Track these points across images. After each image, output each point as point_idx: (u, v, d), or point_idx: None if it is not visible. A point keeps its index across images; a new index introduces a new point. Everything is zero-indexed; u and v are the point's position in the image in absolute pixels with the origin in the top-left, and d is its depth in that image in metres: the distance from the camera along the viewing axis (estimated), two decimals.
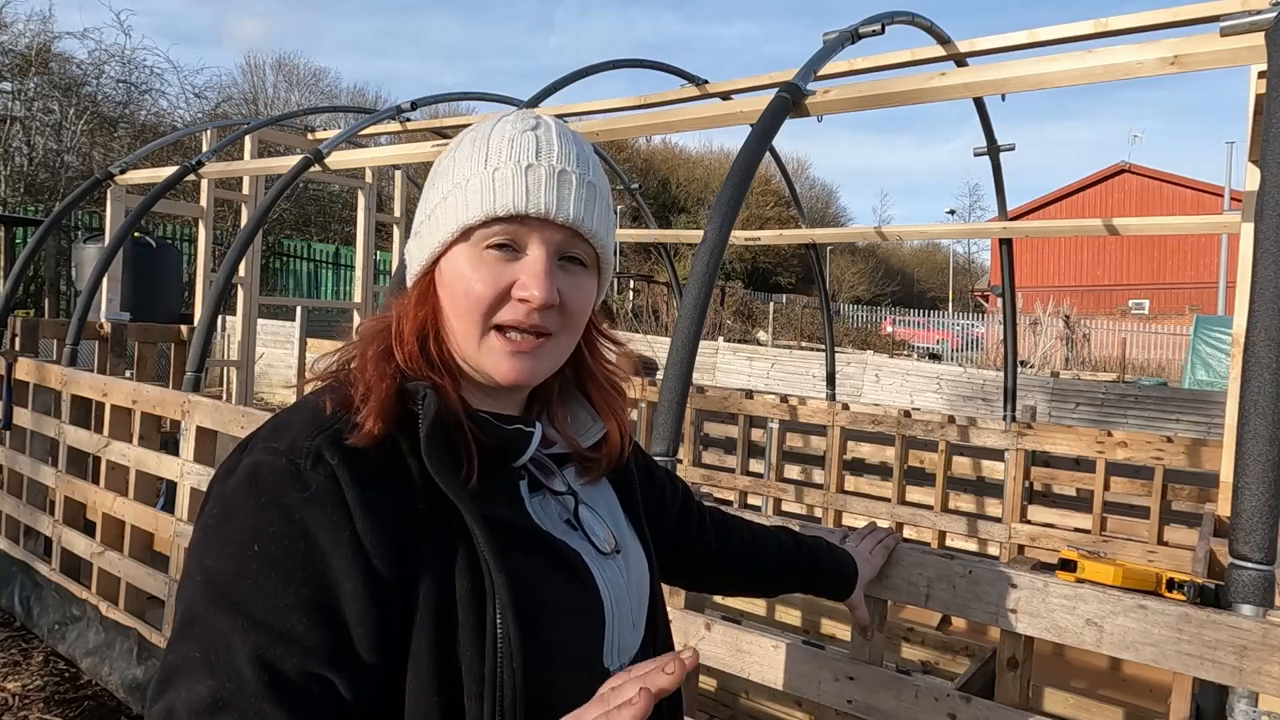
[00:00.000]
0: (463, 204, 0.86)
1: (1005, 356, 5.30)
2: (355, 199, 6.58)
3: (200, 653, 0.75)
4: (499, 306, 0.86)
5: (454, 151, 0.92)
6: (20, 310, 11.16)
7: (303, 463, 0.78)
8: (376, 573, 0.77)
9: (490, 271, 0.86)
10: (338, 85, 31.86)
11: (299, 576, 0.76)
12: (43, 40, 17.89)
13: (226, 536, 0.78)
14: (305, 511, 0.77)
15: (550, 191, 0.86)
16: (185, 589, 0.79)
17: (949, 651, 3.28)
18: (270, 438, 0.82)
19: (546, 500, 0.94)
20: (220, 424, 3.26)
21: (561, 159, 0.88)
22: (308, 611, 0.75)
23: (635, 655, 0.98)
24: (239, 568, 0.76)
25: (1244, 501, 1.44)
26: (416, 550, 0.80)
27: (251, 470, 0.80)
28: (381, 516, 0.78)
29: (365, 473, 0.79)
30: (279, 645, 0.74)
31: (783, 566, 1.38)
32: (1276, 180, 1.60)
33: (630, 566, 0.99)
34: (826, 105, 2.74)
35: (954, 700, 1.64)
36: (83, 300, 4.50)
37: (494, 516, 0.84)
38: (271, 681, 0.73)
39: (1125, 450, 4.49)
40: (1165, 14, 3.13)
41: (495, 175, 0.86)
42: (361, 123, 5.13)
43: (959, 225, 26.35)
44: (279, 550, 0.76)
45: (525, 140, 0.87)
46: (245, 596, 0.75)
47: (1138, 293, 33.13)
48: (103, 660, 3.68)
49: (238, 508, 0.79)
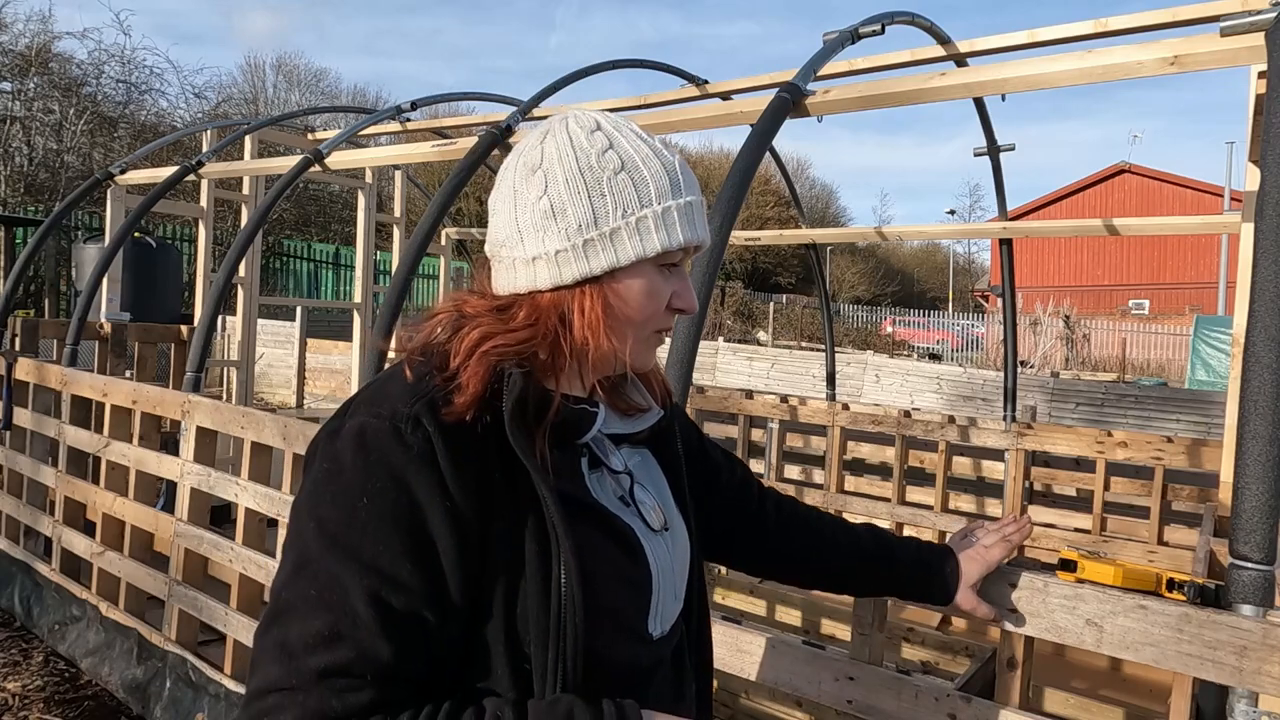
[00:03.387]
0: (637, 238, 0.96)
1: (1005, 357, 5.30)
2: (355, 199, 6.57)
3: (316, 591, 0.84)
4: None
5: (619, 174, 0.96)
6: (20, 310, 11.15)
7: (404, 426, 0.87)
8: (464, 530, 0.87)
9: (664, 285, 1.00)
10: (338, 85, 31.93)
11: (404, 526, 0.85)
12: (43, 40, 17.88)
13: (337, 489, 0.87)
14: (408, 470, 0.86)
15: (701, 226, 1.01)
16: (297, 537, 0.88)
17: (949, 651, 3.28)
18: (372, 402, 0.91)
19: (604, 477, 1.02)
20: (220, 424, 3.26)
21: (692, 188, 1.00)
22: (412, 559, 0.85)
23: (676, 623, 1.08)
24: (350, 517, 0.85)
25: (1244, 501, 1.44)
26: (493, 514, 0.89)
27: (359, 430, 0.88)
28: (467, 481, 0.87)
29: (456, 441, 0.88)
30: (388, 587, 0.84)
31: (853, 560, 1.35)
32: (1276, 180, 1.60)
33: (675, 543, 1.07)
34: (826, 105, 2.74)
35: (954, 700, 1.64)
36: (83, 300, 4.50)
37: (560, 489, 0.92)
38: (383, 618, 0.83)
39: (1125, 450, 4.49)
40: (1165, 14, 3.12)
41: (689, 206, 0.98)
42: (361, 123, 5.13)
43: (959, 225, 26.35)
44: (386, 503, 0.85)
45: (671, 170, 0.98)
46: (357, 542, 0.85)
47: (1138, 293, 33.12)
48: (103, 660, 3.68)
49: (346, 463, 0.87)
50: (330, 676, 0.81)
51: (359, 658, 0.82)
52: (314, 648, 0.82)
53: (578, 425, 0.99)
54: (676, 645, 1.09)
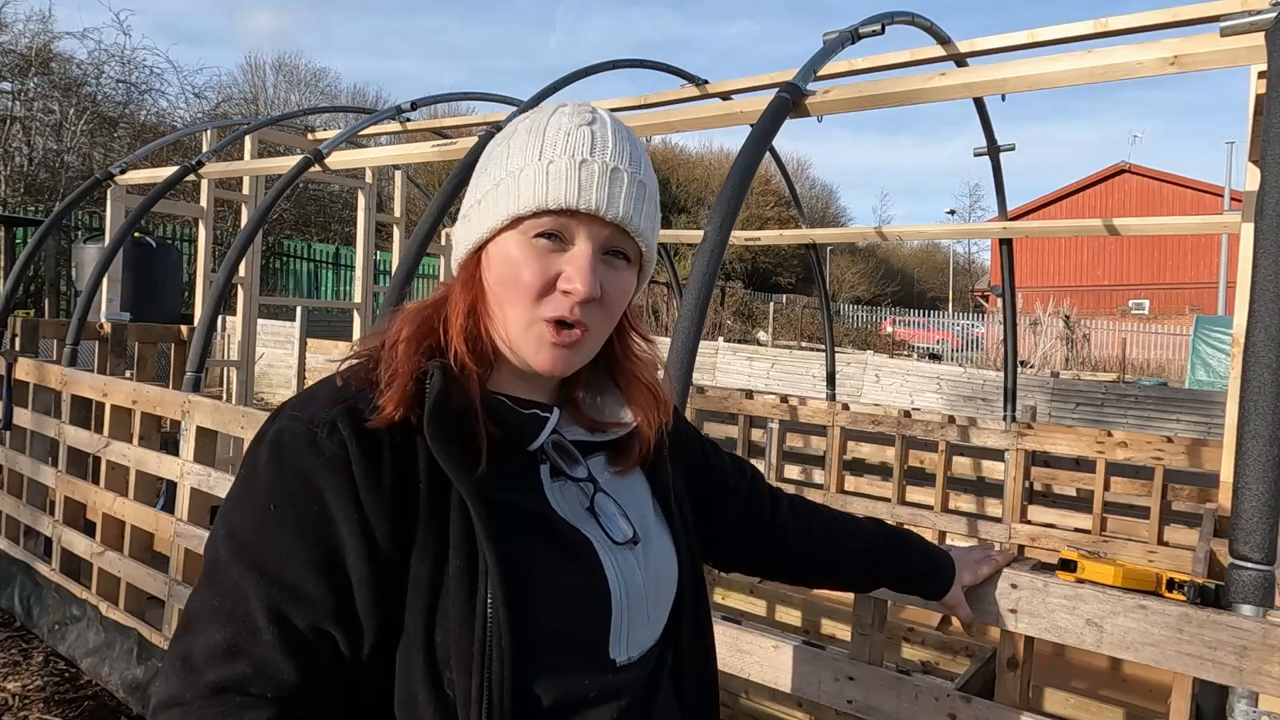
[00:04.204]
0: (514, 193, 0.88)
1: (1005, 357, 5.30)
2: (355, 199, 6.57)
3: (218, 601, 0.81)
4: (544, 296, 0.88)
5: (508, 139, 0.93)
6: (20, 310, 11.15)
7: (319, 431, 0.82)
8: (375, 543, 0.81)
9: (538, 261, 0.88)
10: (338, 85, 31.89)
11: (310, 538, 0.81)
12: (43, 40, 17.87)
13: (249, 495, 0.84)
14: (319, 476, 0.81)
15: (602, 189, 0.87)
16: (211, 541, 0.85)
17: (949, 651, 3.28)
18: (296, 406, 0.87)
19: (567, 486, 0.94)
20: (220, 424, 3.26)
21: (615, 156, 0.89)
22: (317, 570, 0.80)
23: (651, 649, 0.97)
24: (258, 525, 0.82)
25: (1244, 501, 1.44)
26: (414, 527, 0.83)
27: (276, 435, 0.85)
28: (381, 491, 0.82)
29: (372, 448, 0.82)
30: (290, 600, 0.80)
31: (869, 557, 1.33)
32: (1276, 180, 1.60)
33: (650, 559, 0.98)
34: (826, 105, 2.74)
35: (954, 700, 1.64)
36: (83, 300, 4.50)
37: (499, 499, 0.86)
38: (282, 633, 0.79)
39: (1125, 450, 4.49)
40: (1165, 14, 3.13)
41: (550, 168, 0.87)
42: (361, 123, 5.13)
43: (959, 225, 26.37)
44: (294, 512, 0.81)
45: (581, 135, 0.89)
46: (262, 552, 0.81)
47: (1138, 293, 33.11)
48: (103, 660, 3.68)
49: (261, 468, 0.84)
50: (226, 692, 0.78)
51: (257, 674, 0.78)
52: (213, 661, 0.78)
53: (522, 429, 0.91)
54: (652, 674, 0.97)
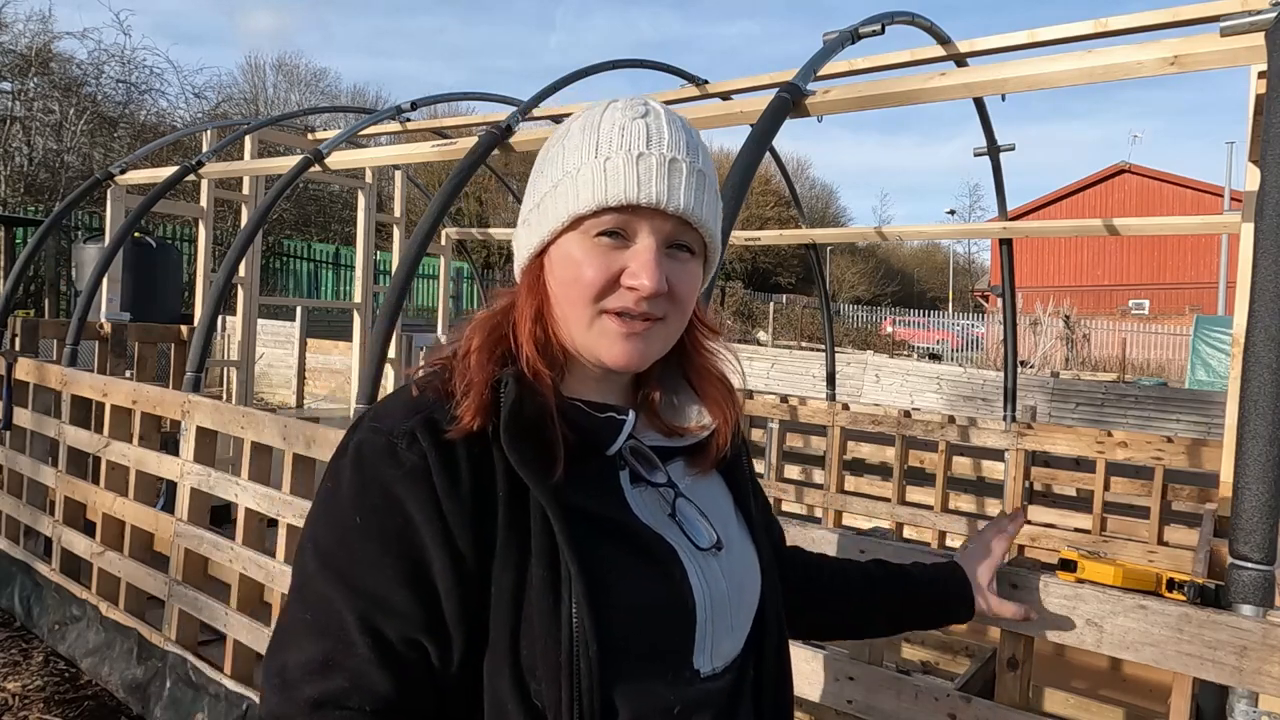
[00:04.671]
0: (573, 193, 0.87)
1: (1005, 357, 5.30)
2: (355, 199, 6.57)
3: (310, 615, 0.81)
4: (608, 293, 0.86)
5: (562, 140, 0.91)
6: (20, 310, 11.15)
7: (399, 442, 0.83)
8: (459, 552, 0.81)
9: (600, 258, 0.86)
10: (338, 85, 31.94)
11: (395, 549, 0.81)
12: (43, 40, 17.87)
13: (333, 508, 0.84)
14: (400, 487, 0.81)
15: (661, 181, 0.85)
16: (299, 555, 0.86)
17: (949, 651, 3.28)
18: (375, 418, 0.87)
19: (647, 491, 0.93)
20: (220, 424, 3.26)
21: (672, 147, 0.87)
22: (404, 582, 0.80)
23: (734, 659, 0.94)
24: (343, 538, 0.82)
25: (1244, 501, 1.44)
26: (493, 536, 0.82)
27: (357, 447, 0.85)
28: (461, 500, 0.82)
29: (451, 457, 0.82)
30: (380, 612, 0.80)
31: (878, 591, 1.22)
32: (1276, 180, 1.60)
33: (734, 566, 0.95)
34: (826, 105, 2.73)
35: (954, 700, 1.64)
36: (83, 300, 4.50)
37: (578, 506, 0.85)
38: (376, 645, 0.79)
39: (1125, 450, 4.49)
40: (1165, 14, 3.12)
41: (607, 165, 0.85)
42: (361, 123, 5.13)
43: (959, 225, 26.35)
44: (377, 523, 0.81)
45: (636, 128, 0.87)
46: (347, 565, 0.81)
47: (1138, 293, 33.11)
48: (103, 660, 3.68)
49: (343, 482, 0.84)
50: (324, 707, 0.78)
51: (354, 688, 0.78)
52: (309, 676, 0.79)
53: (599, 433, 0.90)
54: (735, 684, 0.94)
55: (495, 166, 7.90)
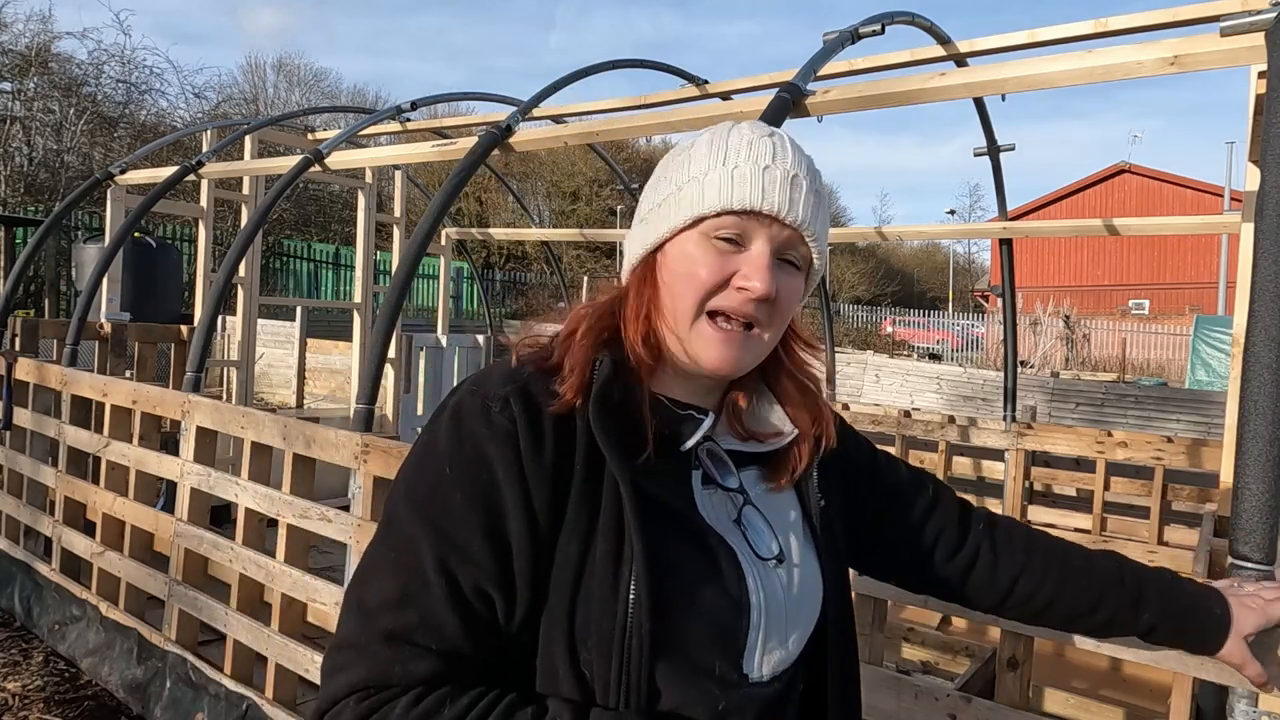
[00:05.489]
0: (699, 195, 0.92)
1: (1005, 357, 5.30)
2: (355, 199, 6.57)
3: (395, 554, 0.87)
4: (717, 292, 0.91)
5: (688, 150, 0.97)
6: (20, 310, 11.15)
7: (493, 405, 0.88)
8: (534, 514, 0.86)
9: (716, 259, 0.92)
10: (338, 85, 31.95)
11: (480, 503, 0.86)
12: (43, 40, 17.86)
13: (428, 458, 0.90)
14: (490, 447, 0.87)
15: (784, 192, 0.91)
16: (390, 497, 0.92)
17: (949, 651, 3.28)
18: (475, 382, 0.93)
19: (716, 494, 0.96)
20: (220, 424, 3.26)
21: (795, 165, 0.93)
22: (483, 534, 0.85)
23: (785, 671, 0.95)
24: (434, 486, 0.88)
25: (1244, 501, 1.44)
26: (565, 506, 0.87)
27: (455, 406, 0.91)
28: (543, 466, 0.87)
29: (539, 426, 0.88)
30: (458, 558, 0.85)
31: (1094, 589, 1.16)
32: (1276, 180, 1.60)
33: (795, 580, 0.97)
34: (826, 105, 2.73)
35: (954, 700, 1.64)
36: (83, 300, 4.50)
37: (651, 492, 0.89)
38: (449, 588, 0.84)
39: (1125, 450, 4.49)
40: (1165, 14, 3.12)
41: (734, 172, 0.91)
42: (361, 123, 5.13)
43: (959, 225, 26.36)
44: (466, 477, 0.87)
45: (763, 144, 0.93)
46: (435, 511, 0.86)
47: (1138, 293, 33.11)
48: (103, 660, 3.68)
49: (441, 435, 0.90)
50: (395, 640, 0.83)
51: (423, 624, 0.83)
52: (385, 608, 0.84)
53: (678, 428, 0.95)
54: (783, 694, 0.95)
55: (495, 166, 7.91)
